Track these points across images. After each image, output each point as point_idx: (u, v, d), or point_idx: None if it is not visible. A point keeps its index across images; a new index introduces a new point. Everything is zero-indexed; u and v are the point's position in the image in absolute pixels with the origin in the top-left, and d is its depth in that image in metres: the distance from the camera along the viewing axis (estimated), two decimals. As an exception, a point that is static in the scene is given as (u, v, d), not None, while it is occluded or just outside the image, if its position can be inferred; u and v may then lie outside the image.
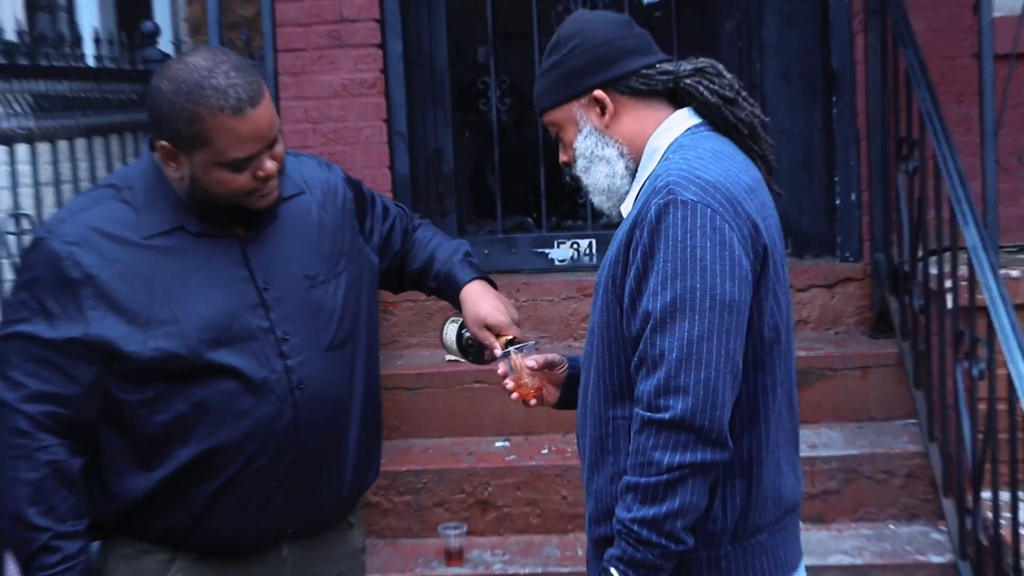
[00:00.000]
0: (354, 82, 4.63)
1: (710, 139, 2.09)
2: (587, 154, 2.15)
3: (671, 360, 1.89)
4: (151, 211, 2.26)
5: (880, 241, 4.33)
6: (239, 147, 2.18)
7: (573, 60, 2.14)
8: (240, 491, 2.29)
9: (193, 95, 2.15)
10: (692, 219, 1.92)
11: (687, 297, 1.90)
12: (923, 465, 3.78)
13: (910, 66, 3.77)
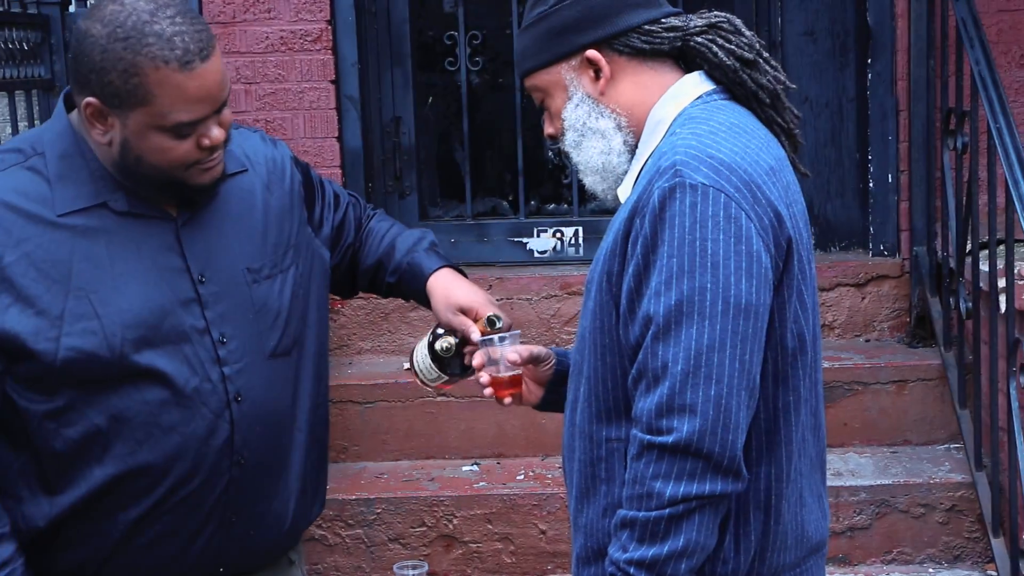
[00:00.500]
0: (295, 35, 4.62)
1: (724, 109, 2.07)
2: (578, 126, 2.13)
3: (676, 373, 1.88)
4: (67, 183, 2.25)
5: (921, 232, 4.35)
6: (185, 109, 2.15)
7: (563, 12, 2.11)
8: (164, 521, 2.29)
9: (132, 42, 2.12)
10: (703, 206, 1.90)
11: (695, 299, 1.89)
12: (969, 498, 3.79)
13: (961, 21, 3.79)
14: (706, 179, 1.91)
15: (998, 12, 4.41)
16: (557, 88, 2.15)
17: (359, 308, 4.59)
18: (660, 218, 1.91)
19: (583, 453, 2.09)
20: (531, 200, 5.00)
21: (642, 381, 1.92)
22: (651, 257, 1.92)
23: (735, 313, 1.89)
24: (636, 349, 1.95)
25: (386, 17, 4.87)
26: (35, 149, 2.27)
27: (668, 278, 1.90)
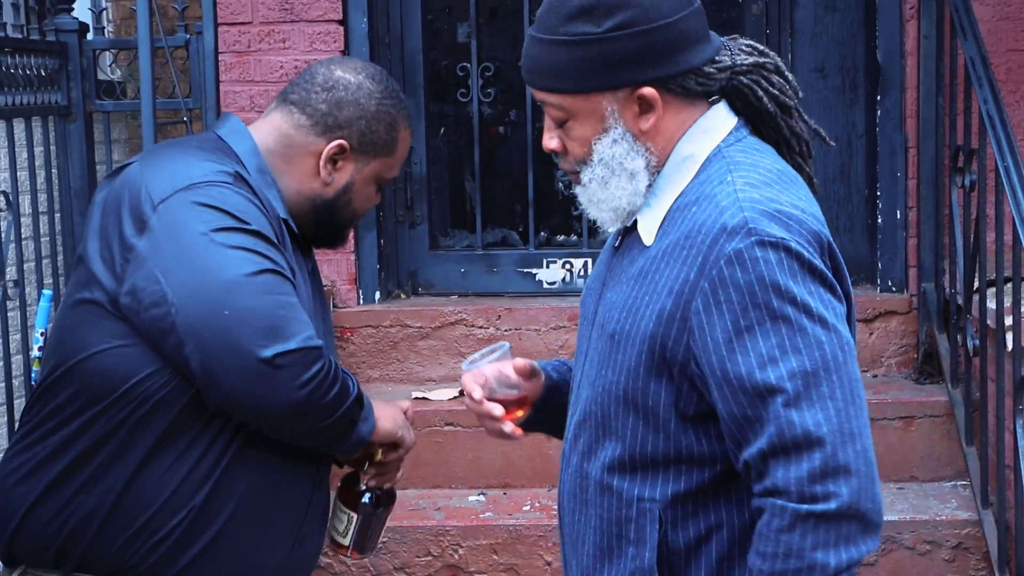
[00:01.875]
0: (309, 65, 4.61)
1: (764, 153, 2.02)
2: (612, 163, 2.00)
3: (823, 436, 1.82)
4: (270, 192, 2.43)
5: (929, 268, 4.35)
6: (398, 165, 2.53)
7: (621, 41, 1.95)
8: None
9: (397, 103, 2.49)
10: (789, 262, 1.85)
11: (818, 357, 1.84)
12: (976, 535, 3.78)
13: (970, 61, 3.79)
14: (781, 234, 1.86)
15: (1007, 52, 4.43)
16: (591, 116, 2.00)
17: (368, 337, 4.59)
18: (745, 281, 1.84)
19: (604, 510, 2.03)
20: (541, 231, 5.00)
21: (778, 454, 1.84)
22: (742, 323, 1.85)
23: (849, 359, 1.86)
24: (742, 418, 1.87)
25: (400, 47, 4.89)
26: (239, 173, 2.39)
27: (780, 342, 1.84)
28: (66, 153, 4.24)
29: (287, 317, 2.24)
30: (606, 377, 2.02)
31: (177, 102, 4.21)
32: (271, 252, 2.28)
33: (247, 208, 2.30)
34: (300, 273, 2.41)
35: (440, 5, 4.99)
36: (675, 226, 1.96)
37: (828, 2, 4.74)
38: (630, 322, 1.97)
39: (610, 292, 2.07)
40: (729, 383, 1.87)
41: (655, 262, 1.96)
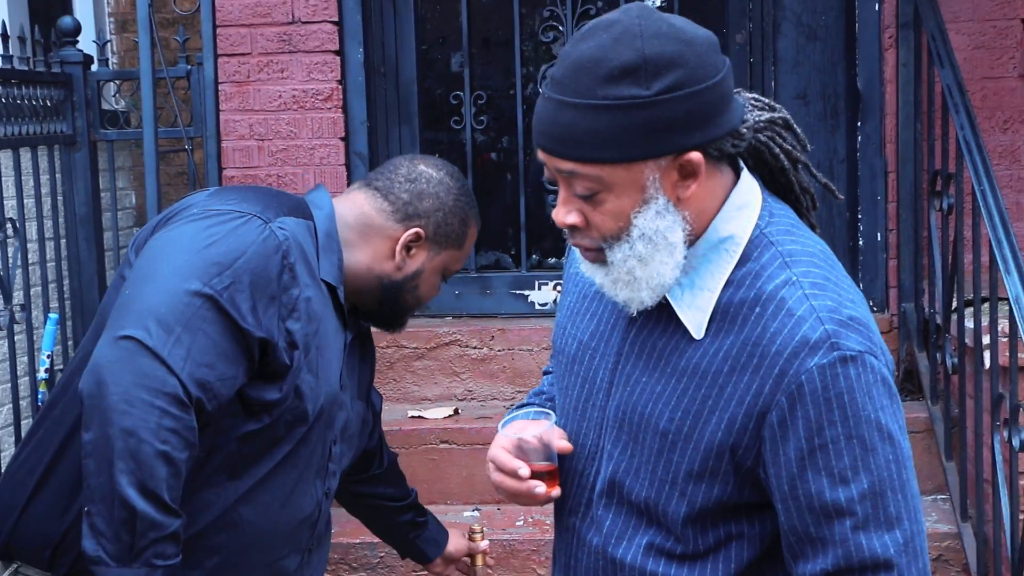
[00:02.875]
0: (307, 94, 4.66)
1: (800, 229, 1.93)
2: (655, 238, 1.82)
3: (891, 558, 1.78)
4: (326, 256, 2.47)
5: (909, 289, 4.36)
6: (464, 260, 2.63)
7: (672, 105, 1.75)
8: (250, 572, 2.49)
9: (470, 200, 2.61)
10: (865, 377, 1.78)
11: (886, 476, 1.79)
12: (954, 547, 3.79)
13: (947, 88, 3.81)
14: (860, 346, 1.79)
15: (982, 79, 4.43)
16: (631, 187, 1.80)
17: None
18: (825, 398, 1.77)
19: None
20: (532, 254, 5.01)
21: (845, 574, 1.79)
22: (817, 440, 1.78)
23: (911, 476, 1.82)
24: (805, 534, 1.82)
25: (395, 77, 4.91)
26: (305, 213, 2.47)
27: (853, 462, 1.78)
28: (71, 181, 4.25)
29: (179, 336, 2.19)
30: (657, 474, 1.91)
31: (179, 131, 4.23)
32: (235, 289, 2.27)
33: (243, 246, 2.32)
34: (323, 336, 2.43)
35: (434, 36, 5.02)
36: (736, 326, 1.85)
37: (809, 31, 4.75)
38: (690, 425, 1.87)
39: (643, 375, 1.94)
40: (796, 499, 1.81)
41: (716, 363, 1.85)
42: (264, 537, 2.46)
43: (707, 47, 1.80)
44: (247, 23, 4.63)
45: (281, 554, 2.51)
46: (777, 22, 4.76)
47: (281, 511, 2.47)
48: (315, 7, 4.62)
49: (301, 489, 2.50)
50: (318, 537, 2.61)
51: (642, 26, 1.78)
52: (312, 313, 2.38)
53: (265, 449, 2.41)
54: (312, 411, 2.42)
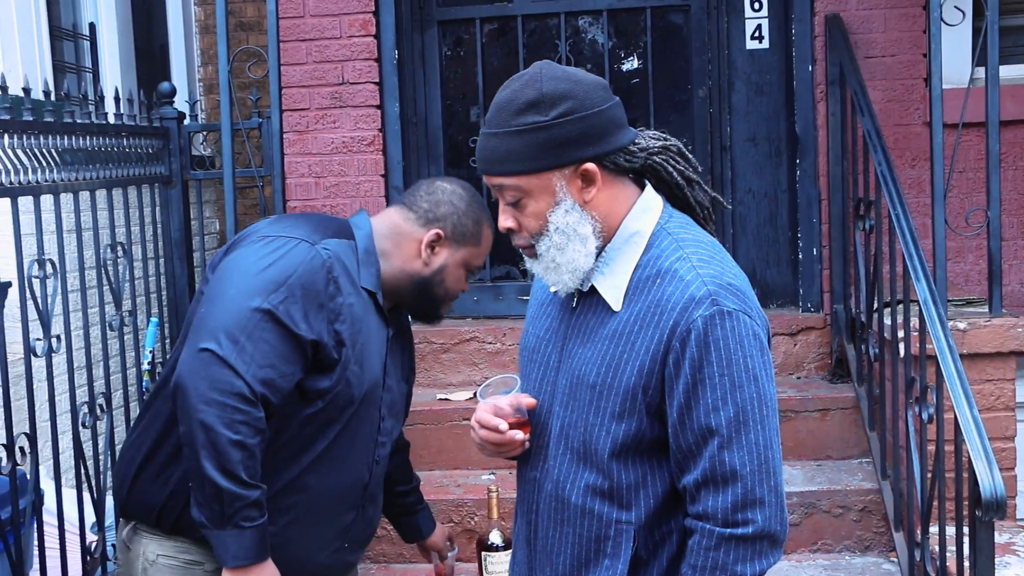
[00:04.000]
0: (354, 140, 4.68)
1: (693, 227, 1.99)
2: (567, 230, 1.92)
3: (745, 475, 1.82)
4: (366, 266, 2.46)
5: (839, 293, 4.35)
6: (483, 256, 2.57)
7: (565, 126, 1.87)
8: (313, 518, 2.48)
9: (481, 207, 2.57)
10: (738, 328, 1.83)
11: (749, 409, 1.83)
12: (876, 501, 3.79)
13: (867, 132, 3.82)
14: (735, 305, 1.84)
15: (895, 126, 4.46)
16: (544, 192, 1.91)
17: None
18: (706, 342, 1.82)
19: (584, 529, 1.97)
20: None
21: (709, 484, 1.84)
22: (699, 375, 1.83)
23: (771, 413, 1.85)
24: (688, 452, 1.86)
25: (424, 126, 4.94)
26: (347, 235, 2.48)
27: (724, 394, 1.82)
28: (168, 212, 4.26)
29: (244, 346, 2.23)
30: (588, 419, 1.94)
31: (252, 171, 4.24)
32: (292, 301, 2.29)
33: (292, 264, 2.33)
34: (366, 334, 2.43)
35: (456, 93, 5.04)
36: (642, 295, 1.91)
37: (757, 88, 4.75)
38: (612, 375, 1.91)
39: (580, 348, 1.98)
40: (683, 423, 1.85)
41: (628, 325, 1.91)
42: (325, 498, 2.47)
43: (594, 86, 1.92)
44: (306, 84, 4.67)
45: (340, 511, 2.51)
46: (731, 80, 4.77)
47: (338, 476, 2.47)
48: (360, 71, 4.65)
49: (354, 458, 2.49)
50: (371, 495, 2.59)
51: (542, 74, 1.91)
52: (355, 316, 2.38)
53: (321, 429, 2.41)
54: (358, 395, 2.42)
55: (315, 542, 2.49)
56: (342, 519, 2.53)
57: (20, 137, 3.06)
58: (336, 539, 2.54)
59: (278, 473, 2.39)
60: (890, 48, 4.47)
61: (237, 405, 2.21)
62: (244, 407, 2.22)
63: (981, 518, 2.69)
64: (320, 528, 2.49)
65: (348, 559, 2.62)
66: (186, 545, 2.42)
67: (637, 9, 4.85)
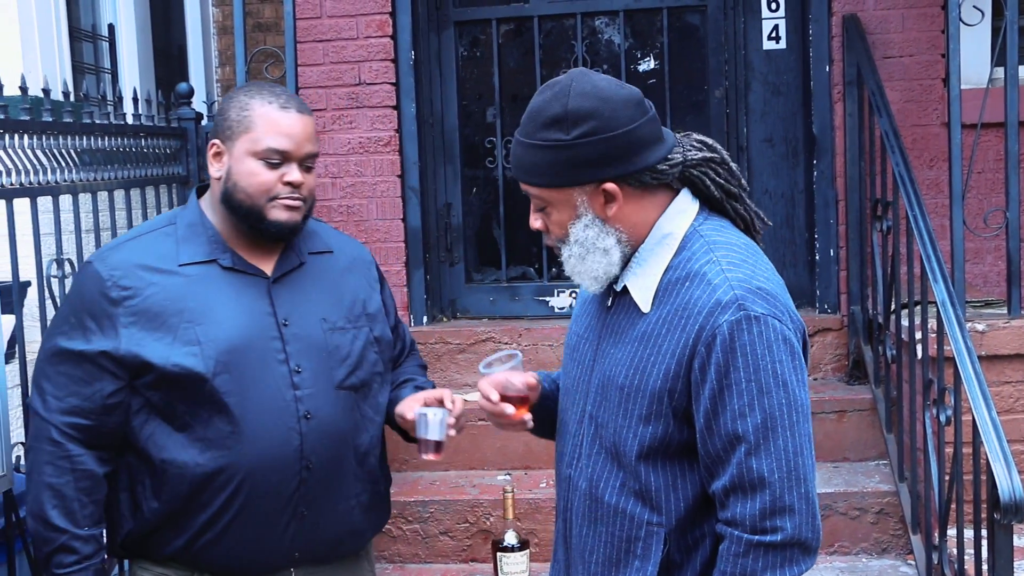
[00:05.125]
0: (371, 140, 4.69)
1: (729, 229, 1.97)
2: (586, 243, 1.93)
3: (774, 482, 1.80)
4: (188, 243, 2.35)
5: (856, 294, 4.34)
6: (273, 137, 2.28)
7: (586, 147, 1.87)
8: (251, 511, 2.30)
9: (252, 92, 2.33)
10: (766, 333, 1.81)
11: (777, 415, 1.80)
12: (894, 503, 3.78)
13: (885, 133, 3.81)
14: (764, 310, 1.81)
15: (912, 126, 4.44)
16: (565, 205, 1.93)
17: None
18: (732, 347, 1.80)
19: (615, 528, 1.96)
20: (552, 268, 5.01)
21: (737, 491, 1.82)
22: (725, 381, 1.81)
23: (803, 419, 1.83)
24: (717, 458, 1.85)
25: (440, 126, 4.94)
26: (173, 220, 2.40)
27: (751, 400, 1.80)
28: (184, 211, 4.30)
29: (45, 389, 2.29)
30: (617, 421, 1.94)
31: (269, 171, 4.26)
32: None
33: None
34: (202, 305, 2.29)
35: (472, 93, 5.04)
36: (670, 298, 1.90)
37: (774, 88, 4.74)
38: (639, 378, 1.91)
39: (612, 348, 1.98)
40: (710, 428, 1.84)
41: (656, 327, 1.90)
42: (254, 475, 2.28)
43: (623, 104, 1.89)
44: (323, 85, 4.67)
45: (277, 482, 2.31)
46: (748, 81, 4.76)
47: (254, 447, 2.27)
48: (377, 72, 4.66)
49: (264, 422, 2.28)
50: (317, 461, 2.33)
51: (572, 86, 1.90)
52: (167, 300, 2.27)
53: (191, 412, 2.27)
54: (209, 367, 2.25)
55: (259, 531, 2.32)
56: (283, 491, 2.31)
57: (39, 137, 3.08)
58: (285, 518, 2.33)
59: (181, 475, 2.28)
60: (908, 48, 4.45)
61: (43, 447, 2.27)
62: (49, 448, 2.27)
63: (999, 521, 2.68)
64: (261, 515, 2.31)
65: (320, 536, 2.41)
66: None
67: (654, 9, 4.85)
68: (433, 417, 2.36)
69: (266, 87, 2.35)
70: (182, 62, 6.06)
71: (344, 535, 2.44)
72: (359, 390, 2.42)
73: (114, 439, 2.31)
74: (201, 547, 2.32)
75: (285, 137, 2.29)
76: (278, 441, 2.29)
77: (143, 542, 2.36)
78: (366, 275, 2.55)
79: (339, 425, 2.37)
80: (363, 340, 2.44)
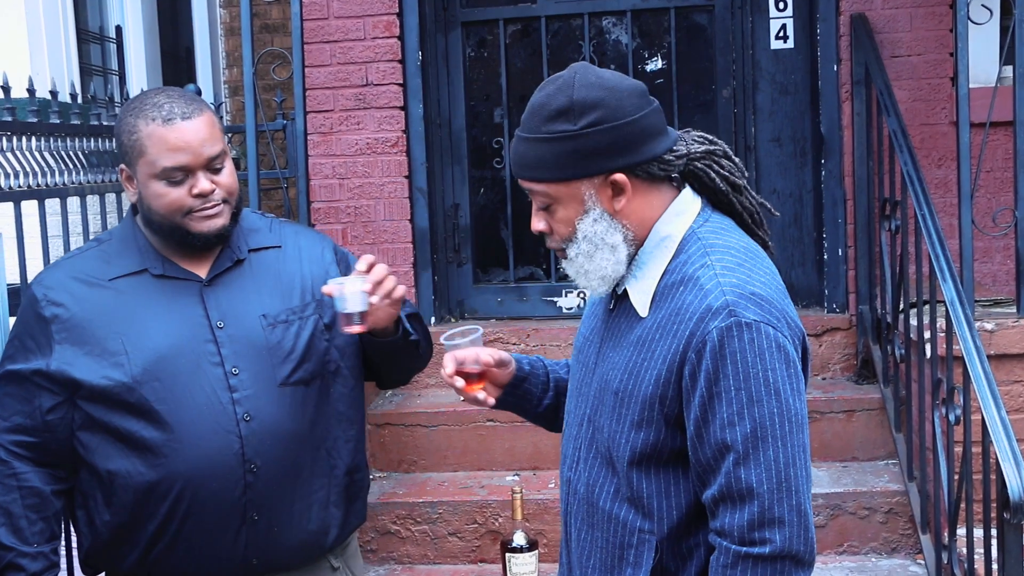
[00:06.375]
0: (378, 141, 4.70)
1: (731, 231, 1.93)
2: (595, 239, 1.89)
3: (763, 493, 1.76)
4: (120, 257, 2.34)
5: (864, 294, 4.34)
6: (167, 155, 2.20)
7: (594, 136, 1.83)
8: (195, 517, 2.27)
9: (135, 110, 2.24)
10: (758, 340, 1.77)
11: (767, 424, 1.76)
12: (903, 503, 3.78)
13: (893, 132, 3.81)
14: (756, 316, 1.77)
15: (920, 125, 4.43)
16: (573, 200, 1.88)
17: None
18: (722, 355, 1.76)
19: (609, 534, 1.94)
20: (560, 267, 5.00)
21: (726, 501, 1.78)
22: (715, 388, 1.77)
23: (797, 429, 1.78)
24: (707, 467, 1.81)
25: (448, 127, 4.94)
26: (108, 237, 2.40)
27: (740, 408, 1.76)
28: (192, 213, 4.30)
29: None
30: (611, 426, 1.92)
31: (277, 172, 4.28)
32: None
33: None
34: (130, 316, 2.28)
35: (480, 94, 5.05)
36: (665, 303, 1.87)
37: (781, 87, 4.74)
38: (632, 383, 1.88)
39: (611, 352, 1.96)
40: (700, 437, 1.81)
41: (651, 332, 1.87)
42: (193, 483, 2.25)
43: (628, 93, 1.86)
44: (330, 86, 4.69)
45: (219, 491, 2.27)
46: (756, 80, 4.76)
47: (191, 453, 2.24)
48: (384, 72, 4.67)
49: (202, 427, 2.24)
50: (262, 466, 2.28)
51: (576, 79, 1.86)
52: (97, 314, 2.27)
53: (133, 417, 2.25)
54: (133, 374, 2.23)
55: (208, 539, 2.29)
56: (227, 497, 2.26)
57: (47, 140, 3.09)
58: (234, 524, 2.28)
59: (126, 484, 2.27)
60: (916, 47, 4.45)
61: None
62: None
63: (1009, 520, 2.68)
64: (208, 522, 2.27)
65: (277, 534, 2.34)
66: None
67: (661, 9, 4.85)
68: (350, 287, 2.22)
69: (150, 99, 2.25)
70: (190, 63, 6.08)
71: (308, 538, 2.37)
72: (311, 383, 2.35)
73: (62, 456, 2.31)
74: (155, 559, 2.31)
75: (179, 152, 2.21)
76: (216, 446, 2.24)
77: (102, 557, 2.37)
78: (320, 259, 2.46)
79: (286, 424, 2.30)
80: (309, 331, 2.36)
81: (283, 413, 2.30)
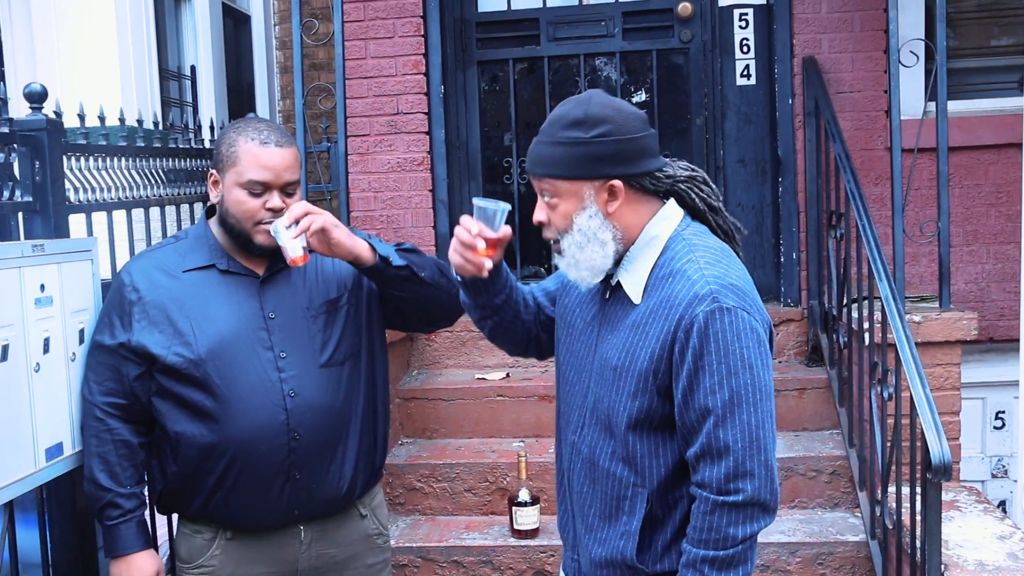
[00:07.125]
0: (407, 160, 4.72)
1: (708, 235, 1.94)
2: (588, 233, 1.90)
3: (737, 450, 1.78)
4: (193, 253, 2.36)
5: (814, 291, 4.34)
6: (255, 170, 2.24)
7: (601, 146, 1.86)
8: (249, 476, 2.31)
9: (238, 129, 2.30)
10: (736, 323, 1.79)
11: (742, 393, 1.78)
12: (844, 466, 3.78)
13: (838, 155, 3.81)
14: (734, 303, 1.80)
15: (861, 150, 4.44)
16: (573, 197, 1.90)
17: (446, 338, 4.59)
18: (706, 334, 1.78)
19: (607, 488, 1.96)
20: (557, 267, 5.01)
21: (705, 457, 1.81)
22: (700, 363, 1.79)
23: (765, 398, 1.81)
24: (691, 429, 1.83)
25: (465, 149, 4.96)
26: (184, 235, 2.42)
27: (720, 379, 1.78)
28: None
29: (88, 376, 2.35)
30: (611, 396, 1.93)
31: (322, 187, 4.28)
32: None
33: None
34: (199, 302, 2.29)
35: (492, 121, 5.06)
36: (657, 292, 1.89)
37: (745, 117, 4.74)
38: (629, 360, 1.90)
39: (609, 334, 1.96)
40: (686, 403, 1.83)
41: (644, 317, 1.89)
42: (246, 446, 2.28)
43: (633, 116, 1.90)
44: (367, 115, 4.70)
45: (267, 452, 2.30)
46: (724, 111, 4.77)
47: (245, 422, 2.27)
48: (412, 103, 4.68)
49: (253, 400, 2.27)
50: (304, 435, 2.31)
51: (592, 98, 1.90)
52: (171, 299, 2.29)
53: (196, 389, 2.28)
54: (200, 352, 2.26)
55: (258, 492, 2.32)
56: (274, 459, 2.29)
57: (133, 160, 3.13)
58: (279, 481, 2.31)
59: (190, 444, 2.30)
60: (857, 85, 4.46)
61: (90, 424, 2.33)
62: (94, 424, 2.33)
63: (931, 480, 2.69)
64: (257, 479, 2.30)
65: (313, 496, 2.37)
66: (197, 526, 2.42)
67: (644, 51, 4.87)
68: (282, 228, 2.22)
69: (252, 124, 2.30)
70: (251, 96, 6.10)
71: (339, 493, 2.40)
72: (344, 364, 2.38)
73: (144, 415, 2.35)
74: (215, 506, 2.34)
75: (265, 170, 2.25)
76: (265, 417, 2.27)
77: (173, 499, 2.41)
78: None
79: (324, 400, 2.33)
80: (343, 319, 2.39)
81: (322, 390, 2.33)
